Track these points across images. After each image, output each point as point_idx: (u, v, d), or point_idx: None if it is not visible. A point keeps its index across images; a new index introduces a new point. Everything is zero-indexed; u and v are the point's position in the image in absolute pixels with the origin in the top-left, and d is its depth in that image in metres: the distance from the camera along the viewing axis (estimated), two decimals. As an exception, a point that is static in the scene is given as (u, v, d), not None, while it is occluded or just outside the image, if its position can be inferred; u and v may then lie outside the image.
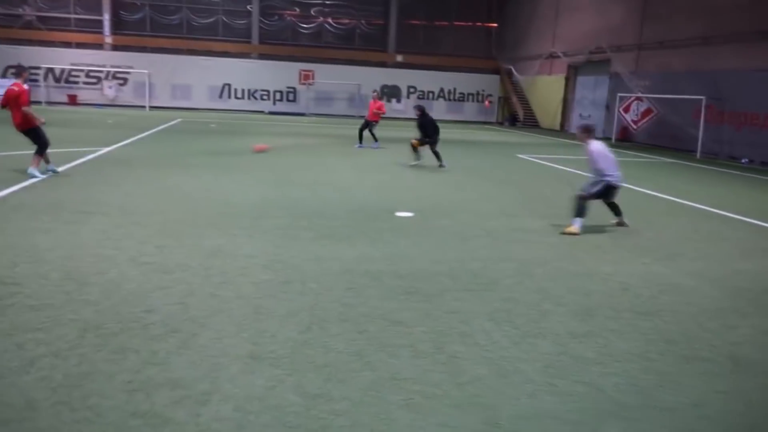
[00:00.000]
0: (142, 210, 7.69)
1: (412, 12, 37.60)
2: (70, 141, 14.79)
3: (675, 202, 10.86)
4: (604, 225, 8.10)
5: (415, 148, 13.78)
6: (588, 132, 7.74)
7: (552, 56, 32.69)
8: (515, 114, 36.52)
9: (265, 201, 8.77)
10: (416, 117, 13.82)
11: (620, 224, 8.08)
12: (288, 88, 36.13)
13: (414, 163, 13.68)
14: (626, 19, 26.47)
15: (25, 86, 9.69)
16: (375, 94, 19.62)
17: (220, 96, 35.40)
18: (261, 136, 19.94)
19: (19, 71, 10.67)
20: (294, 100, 36.41)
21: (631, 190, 11.36)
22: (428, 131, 13.53)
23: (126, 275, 5.10)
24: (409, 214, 8.28)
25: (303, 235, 6.88)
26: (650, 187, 12.30)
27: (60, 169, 10.38)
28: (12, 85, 9.73)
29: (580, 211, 7.55)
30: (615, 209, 8.07)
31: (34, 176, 9.48)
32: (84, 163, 11.58)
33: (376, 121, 18.50)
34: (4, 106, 9.73)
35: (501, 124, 37.21)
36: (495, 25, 38.91)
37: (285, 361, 3.66)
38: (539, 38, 34.09)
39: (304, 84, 35.89)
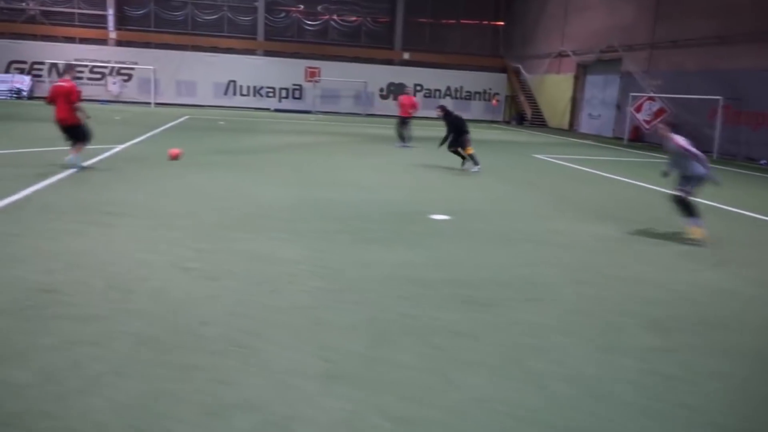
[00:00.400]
0: (170, 211, 7.44)
1: (418, 9, 37.30)
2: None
3: (704, 204, 10.63)
4: (635, 228, 7.88)
5: (469, 155, 12.83)
6: (671, 125, 7.53)
7: (561, 55, 32.45)
8: (523, 113, 36.27)
9: (293, 202, 8.52)
10: (441, 117, 12.99)
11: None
12: (294, 85, 35.82)
13: (474, 169, 12.71)
14: (638, 17, 26.23)
15: (74, 83, 10.08)
16: (408, 90, 19.85)
17: (225, 93, 35.08)
18: (271, 134, 19.69)
19: (66, 68, 11.07)
20: (300, 98, 36.11)
21: (656, 191, 11.13)
22: (458, 128, 12.73)
23: (170, 282, 4.85)
24: (444, 217, 8.04)
25: (340, 238, 6.63)
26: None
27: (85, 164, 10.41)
28: (60, 81, 10.14)
29: (692, 210, 7.24)
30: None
31: (75, 166, 9.90)
32: (101, 161, 11.30)
33: (410, 118, 18.06)
34: (51, 102, 9.97)
35: (508, 123, 36.96)
36: (502, 23, 38.63)
37: (360, 379, 3.42)
38: (548, 37, 33.84)
39: (310, 81, 35.59)
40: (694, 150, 7.21)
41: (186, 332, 3.92)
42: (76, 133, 10.03)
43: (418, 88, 37.59)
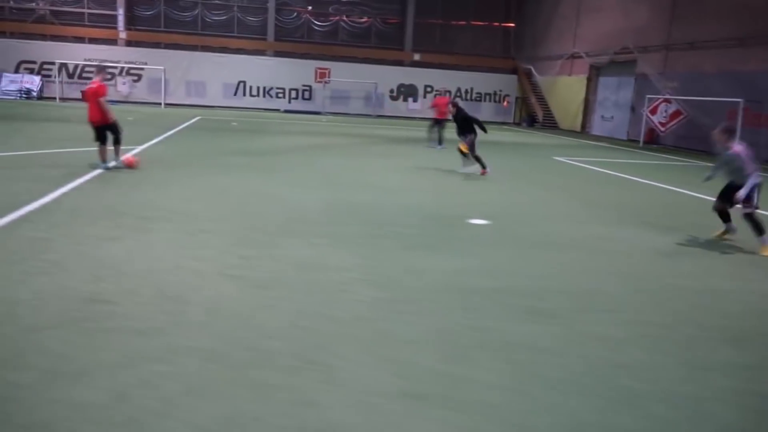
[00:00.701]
0: (204, 215, 7.24)
1: (428, 10, 37.10)
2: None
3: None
4: (680, 234, 7.66)
5: (465, 153, 12.34)
6: (730, 133, 7.15)
7: (573, 56, 32.22)
8: (534, 115, 36.06)
9: (324, 205, 8.32)
10: (452, 113, 12.52)
11: (728, 232, 7.46)
12: (304, 86, 35.65)
13: (466, 170, 12.35)
14: (653, 19, 26.00)
15: (104, 84, 10.26)
16: (443, 90, 20.02)
17: (235, 93, 34.92)
18: (285, 136, 19.50)
19: (98, 69, 10.84)
20: (310, 99, 35.94)
21: (686, 195, 10.93)
22: (465, 126, 12.17)
23: (223, 292, 4.65)
24: (483, 222, 7.83)
25: (385, 244, 6.43)
26: (711, 194, 11.82)
27: (111, 164, 10.32)
28: (91, 83, 10.29)
29: (762, 226, 6.98)
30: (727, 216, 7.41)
31: (103, 167, 10.07)
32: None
33: (445, 120, 17.94)
34: (86, 101, 10.29)
35: (518, 124, 36.76)
36: (513, 24, 38.42)
37: (446, 400, 3.21)
38: (559, 38, 33.61)
39: (319, 82, 35.42)
40: (748, 162, 6.96)
41: (253, 347, 3.71)
42: (106, 134, 10.17)
43: (429, 89, 37.42)
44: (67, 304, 4.21)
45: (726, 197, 7.23)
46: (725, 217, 7.42)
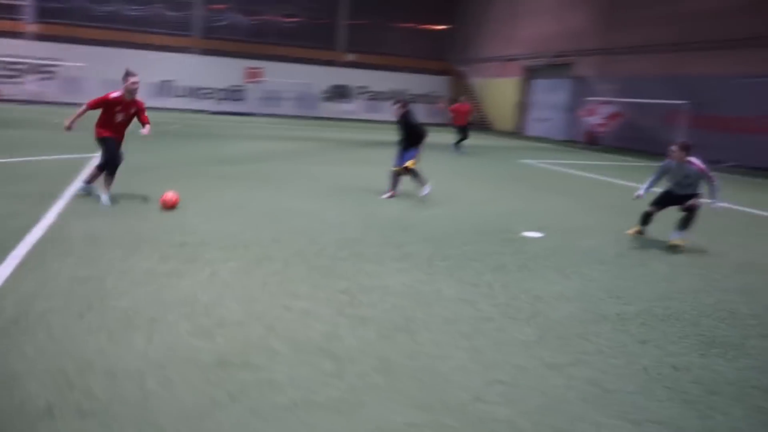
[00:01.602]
0: (248, 238, 6.30)
1: (362, 11, 36.54)
2: (43, 145, 12.67)
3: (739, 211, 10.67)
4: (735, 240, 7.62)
5: (407, 172, 9.25)
6: (688, 149, 7.13)
7: (508, 59, 32.80)
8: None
9: (361, 220, 7.57)
10: (399, 114, 9.22)
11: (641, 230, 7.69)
12: (233, 86, 34.01)
13: (426, 192, 9.27)
14: (591, 23, 26.88)
15: (116, 94, 7.38)
16: (463, 98, 20.10)
17: (160, 94, 32.69)
18: (244, 140, 18.30)
19: (126, 74, 7.58)
20: (240, 100, 34.33)
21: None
22: (413, 132, 9.22)
23: (362, 339, 3.88)
24: (538, 234, 7.40)
25: (473, 266, 5.79)
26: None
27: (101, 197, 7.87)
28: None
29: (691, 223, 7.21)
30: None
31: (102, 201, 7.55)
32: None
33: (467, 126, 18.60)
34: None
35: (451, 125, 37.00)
36: (447, 26, 38.66)
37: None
38: (494, 41, 34.14)
39: (249, 82, 33.92)
40: (712, 175, 7.20)
41: (466, 413, 3.02)
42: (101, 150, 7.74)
43: (362, 90, 36.90)
44: (198, 373, 3.30)
45: (664, 204, 7.48)
46: (648, 220, 7.60)
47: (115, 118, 7.44)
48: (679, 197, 7.34)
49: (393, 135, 13.55)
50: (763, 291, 5.65)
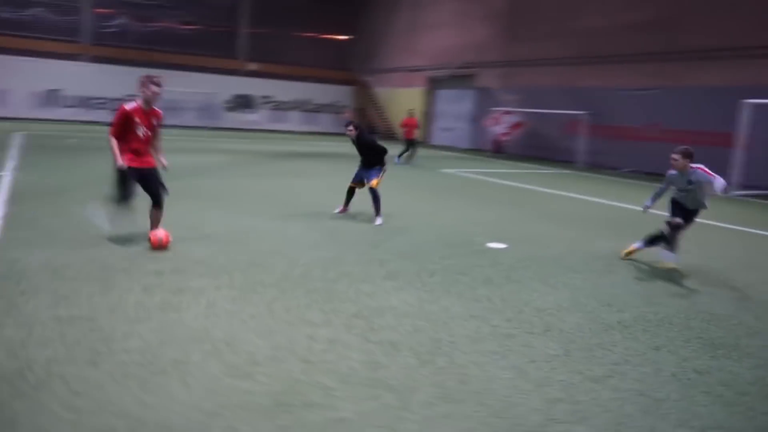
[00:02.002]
0: (221, 264, 5.94)
1: (264, 20, 35.85)
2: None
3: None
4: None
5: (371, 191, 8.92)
6: (691, 156, 6.73)
7: (412, 69, 33.52)
8: (373, 126, 36.76)
9: (333, 239, 7.39)
10: (353, 136, 9.08)
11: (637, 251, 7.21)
12: (128, 96, 32.03)
13: (378, 221, 8.66)
14: (493, 36, 28.11)
15: (132, 104, 6.22)
16: (412, 111, 20.98)
17: (45, 104, 30.19)
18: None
19: (145, 81, 6.29)
20: (136, 110, 32.40)
21: (612, 206, 11.93)
22: (372, 151, 9.12)
23: (380, 362, 3.78)
24: (501, 245, 7.59)
25: (462, 280, 5.82)
26: (611, 198, 12.97)
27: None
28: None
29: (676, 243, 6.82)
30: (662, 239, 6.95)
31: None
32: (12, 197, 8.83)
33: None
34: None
35: (358, 135, 37.21)
36: (351, 36, 38.83)
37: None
38: (398, 51, 34.77)
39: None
40: (717, 180, 6.57)
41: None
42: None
43: (266, 100, 36.22)
44: (262, 419, 3.05)
45: (687, 217, 6.86)
46: (674, 238, 6.83)
47: (137, 132, 6.21)
48: (683, 209, 6.82)
49: (302, 146, 13.28)
50: (719, 289, 6.13)
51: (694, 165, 6.77)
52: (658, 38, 20.47)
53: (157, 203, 6.41)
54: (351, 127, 9.11)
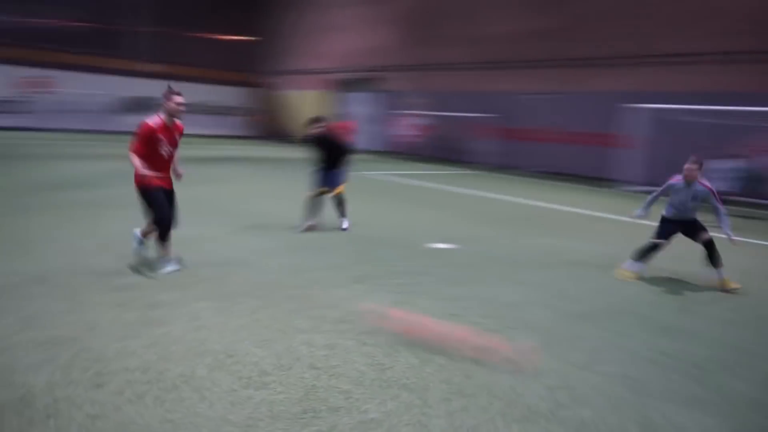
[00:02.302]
0: (187, 276, 5.79)
1: (163, 20, 34.37)
2: None
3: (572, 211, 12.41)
4: (603, 241, 8.93)
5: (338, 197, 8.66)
6: (702, 167, 6.30)
7: (318, 71, 33.48)
8: (278, 128, 36.36)
9: (288, 246, 7.37)
10: (320, 134, 8.36)
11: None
12: (7, 97, 29.61)
13: (307, 224, 8.34)
14: (400, 41, 28.70)
15: (155, 119, 5.76)
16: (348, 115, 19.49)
17: None
18: (72, 160, 16.18)
19: (169, 93, 5.89)
20: (21, 113, 30.01)
21: (526, 205, 12.64)
22: (336, 152, 8.49)
23: (384, 363, 3.93)
24: (450, 246, 7.90)
25: (426, 281, 6.05)
26: (537, 198, 13.75)
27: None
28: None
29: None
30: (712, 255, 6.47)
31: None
32: None
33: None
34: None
35: (262, 138, 36.64)
36: (254, 38, 38.08)
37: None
38: (304, 54, 34.58)
39: (30, 92, 29.91)
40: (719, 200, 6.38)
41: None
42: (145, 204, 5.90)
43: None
44: (297, 426, 3.10)
45: (668, 235, 6.59)
46: (651, 255, 6.68)
47: (160, 151, 5.74)
48: (680, 223, 6.54)
49: (212, 150, 13.13)
50: (652, 278, 6.77)
51: (704, 180, 6.45)
52: (555, 46, 21.92)
53: (161, 232, 5.83)
54: (315, 123, 8.35)
